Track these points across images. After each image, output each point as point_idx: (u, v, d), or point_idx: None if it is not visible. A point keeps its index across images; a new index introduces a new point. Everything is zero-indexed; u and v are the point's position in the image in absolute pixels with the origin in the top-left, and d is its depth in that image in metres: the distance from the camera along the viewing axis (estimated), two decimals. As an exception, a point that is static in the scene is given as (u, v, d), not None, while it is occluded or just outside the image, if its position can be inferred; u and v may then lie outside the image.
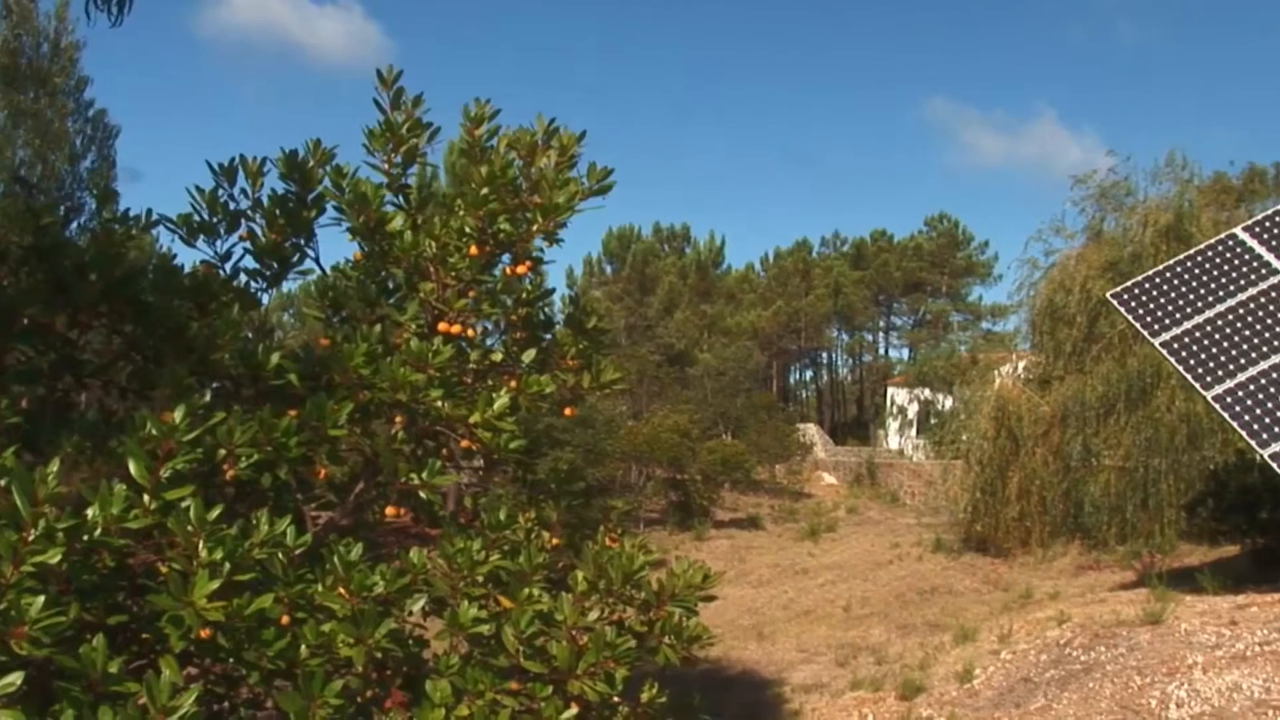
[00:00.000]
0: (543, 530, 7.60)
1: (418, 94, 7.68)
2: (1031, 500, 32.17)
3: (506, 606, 6.56)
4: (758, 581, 31.12)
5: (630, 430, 43.35)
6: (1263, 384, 18.07)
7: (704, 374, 61.85)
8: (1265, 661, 13.75)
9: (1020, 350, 42.03)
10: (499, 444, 6.95)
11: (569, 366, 7.79)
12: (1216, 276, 19.60)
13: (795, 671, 19.15)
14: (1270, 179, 64.30)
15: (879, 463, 58.57)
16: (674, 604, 7.03)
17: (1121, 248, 34.60)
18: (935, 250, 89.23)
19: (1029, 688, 15.09)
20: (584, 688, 6.36)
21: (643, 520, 40.85)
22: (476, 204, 7.46)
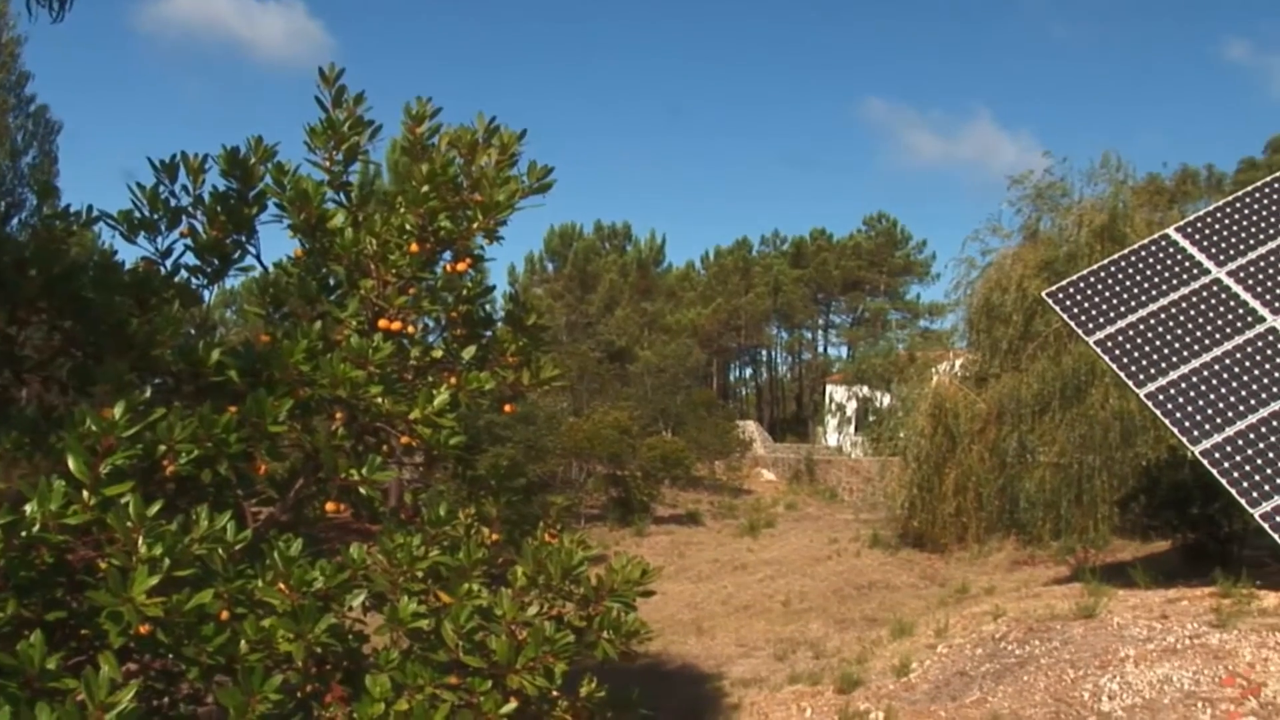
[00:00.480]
0: (482, 526, 7.64)
1: (359, 92, 7.71)
2: (968, 496, 32.40)
3: (446, 602, 6.59)
4: (697, 577, 31.16)
5: (571, 427, 43.33)
6: (1194, 382, 18.31)
7: (644, 371, 61.90)
8: (1195, 654, 13.93)
9: (957, 348, 42.30)
10: (439, 440, 6.98)
11: (509, 363, 7.83)
12: (1150, 276, 19.83)
13: (734, 666, 19.22)
14: (1203, 180, 65.07)
15: (818, 459, 58.74)
16: (613, 599, 7.08)
17: (1057, 247, 34.89)
18: (874, 249, 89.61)
19: (965, 681, 15.22)
20: (523, 682, 6.40)
21: (583, 516, 40.82)
22: (417, 201, 7.49)
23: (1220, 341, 18.66)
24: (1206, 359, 18.50)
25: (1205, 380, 18.21)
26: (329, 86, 7.61)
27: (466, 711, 6.33)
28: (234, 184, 7.57)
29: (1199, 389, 18.14)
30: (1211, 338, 18.71)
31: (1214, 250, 19.89)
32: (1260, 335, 18.60)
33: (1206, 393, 18.06)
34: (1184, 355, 18.61)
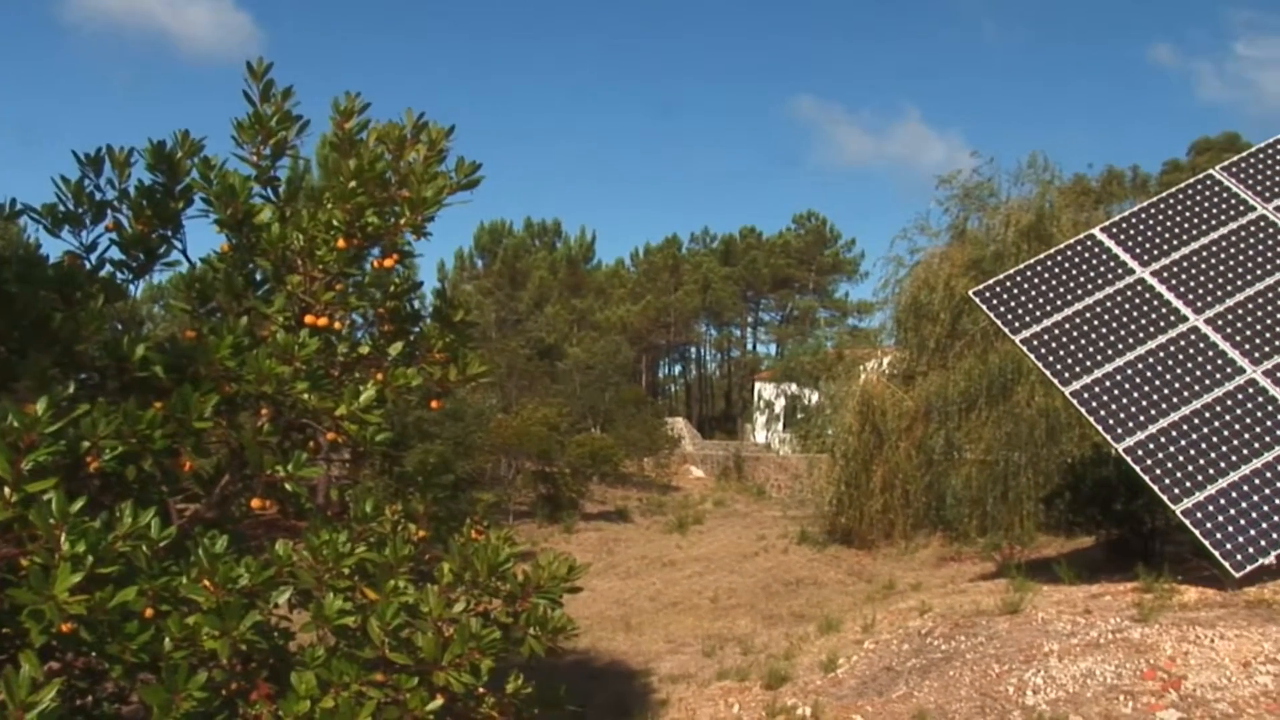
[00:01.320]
0: (409, 523, 7.62)
1: (287, 86, 7.67)
2: (895, 493, 32.54)
3: (372, 598, 6.58)
4: (626, 573, 31.16)
5: (500, 423, 43.20)
6: (1118, 380, 18.51)
7: (573, 368, 61.86)
8: (1117, 648, 14.09)
9: (885, 346, 42.40)
10: (365, 437, 6.97)
11: (436, 360, 7.81)
12: (1075, 275, 20.03)
13: (663, 662, 19.23)
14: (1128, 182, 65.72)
15: (746, 456, 58.85)
16: (539, 596, 7.09)
17: (984, 247, 35.11)
18: (803, 247, 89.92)
19: (891, 676, 15.32)
20: (449, 679, 6.40)
21: (512, 513, 40.73)
22: (345, 197, 7.46)
23: (1144, 340, 18.88)
24: (1130, 357, 18.71)
25: (1129, 378, 18.42)
26: (257, 81, 7.57)
27: (392, 708, 6.32)
28: (160, 178, 7.52)
29: (1123, 387, 18.35)
30: (1135, 336, 18.93)
31: (1138, 250, 20.12)
32: (1183, 334, 18.84)
33: (1130, 390, 18.28)
34: (1108, 354, 18.81)
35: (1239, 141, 63.66)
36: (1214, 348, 18.58)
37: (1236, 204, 20.47)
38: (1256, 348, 18.46)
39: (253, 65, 7.56)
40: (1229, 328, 18.77)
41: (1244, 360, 18.34)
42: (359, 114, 7.85)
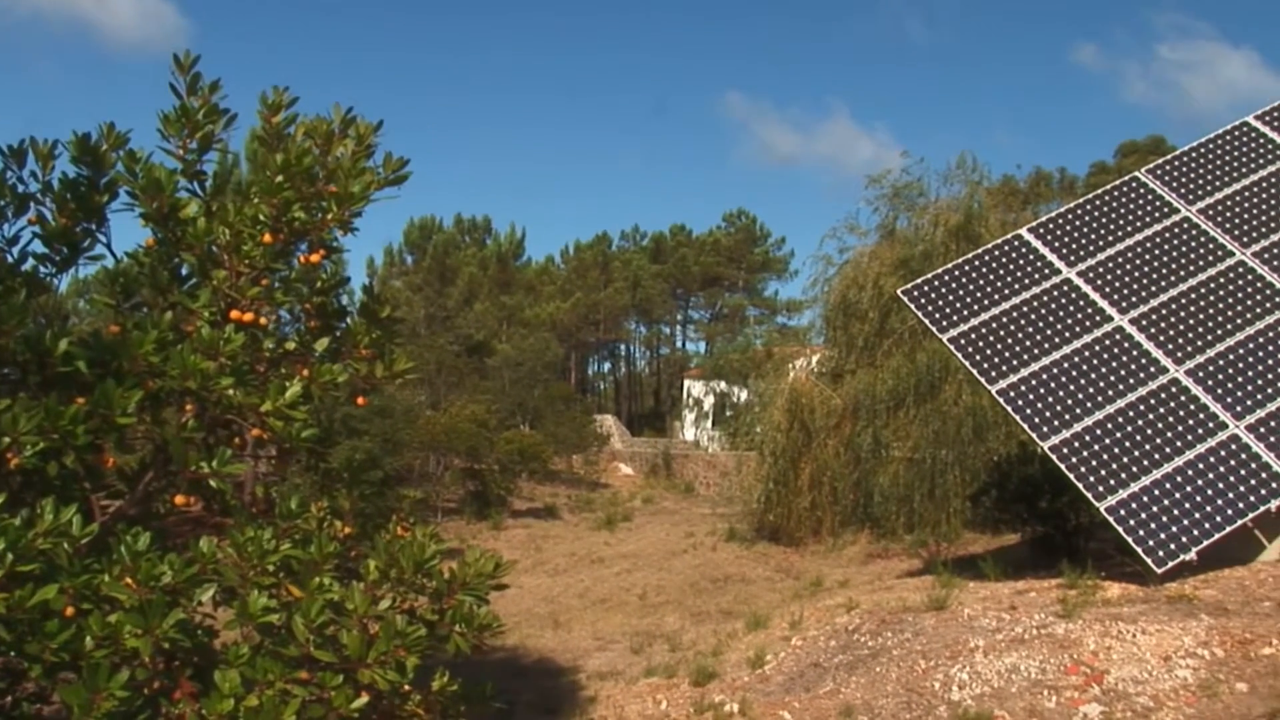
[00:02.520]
0: (335, 519, 7.57)
1: (215, 79, 7.60)
2: (823, 491, 32.67)
3: (297, 596, 6.54)
4: (554, 570, 31.14)
5: (428, 420, 43.06)
6: (1044, 379, 18.68)
7: (503, 365, 61.73)
8: (1042, 644, 14.22)
9: (814, 345, 42.61)
10: (291, 433, 6.92)
11: (362, 356, 7.77)
12: (1003, 275, 20.19)
13: (591, 659, 19.22)
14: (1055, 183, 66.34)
15: (675, 454, 58.95)
16: (465, 593, 7.06)
17: (913, 246, 35.32)
18: (733, 246, 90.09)
19: (818, 672, 15.39)
20: (375, 676, 6.37)
21: (440, 510, 40.60)
22: (271, 192, 7.41)
23: (1070, 340, 19.06)
24: (1056, 356, 18.89)
25: (1055, 377, 18.60)
26: (184, 73, 7.50)
27: (317, 706, 6.29)
28: (84, 171, 7.43)
29: (1049, 386, 18.52)
30: (1061, 336, 19.12)
31: (1065, 251, 20.31)
32: (1108, 334, 19.04)
33: (1056, 389, 18.45)
34: (1034, 353, 18.99)
35: (1164, 145, 64.37)
36: (1138, 347, 18.79)
37: (1161, 206, 20.71)
38: (1179, 347, 18.68)
39: (180, 57, 7.49)
40: (1153, 328, 18.99)
41: (1167, 360, 18.56)
42: (287, 108, 7.81)
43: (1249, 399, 18.02)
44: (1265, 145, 21.51)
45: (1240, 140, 21.69)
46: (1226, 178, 21.01)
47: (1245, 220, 20.31)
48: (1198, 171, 21.13)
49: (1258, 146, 21.52)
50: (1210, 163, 21.30)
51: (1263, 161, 21.23)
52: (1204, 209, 20.51)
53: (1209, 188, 20.87)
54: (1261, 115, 22.13)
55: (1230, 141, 21.70)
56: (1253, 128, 21.88)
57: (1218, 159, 21.37)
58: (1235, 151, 21.46)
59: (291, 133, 7.78)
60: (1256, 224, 20.24)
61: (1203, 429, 17.79)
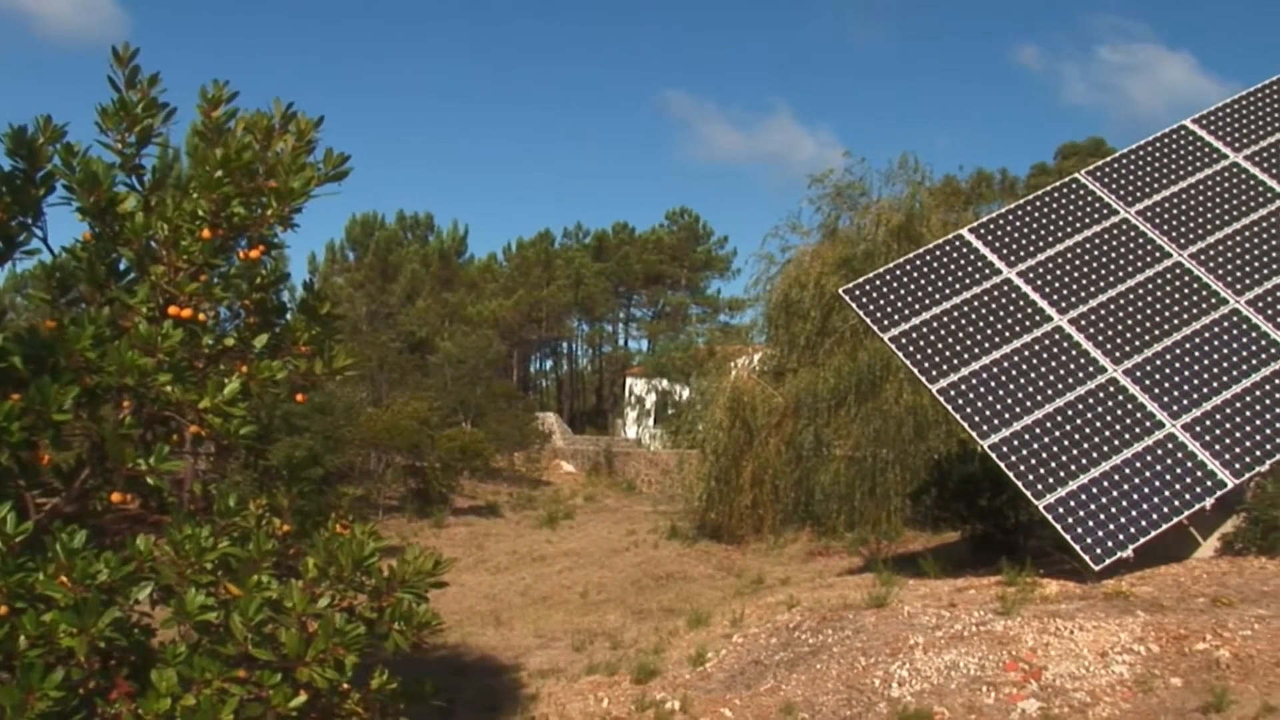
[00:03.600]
0: (274, 517, 7.53)
1: (154, 73, 7.54)
2: (764, 489, 32.76)
3: (235, 594, 6.49)
4: (496, 568, 31.07)
5: (370, 417, 42.86)
6: (984, 378, 18.81)
7: (444, 362, 61.51)
8: (981, 641, 14.32)
9: (756, 343, 42.67)
10: (229, 430, 6.87)
11: (302, 352, 7.73)
12: (944, 275, 20.32)
13: (532, 657, 19.20)
14: (996, 184, 66.76)
15: (617, 452, 58.94)
16: (404, 590, 7.04)
17: (855, 245, 35.51)
18: (676, 244, 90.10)
19: (759, 670, 15.43)
20: (313, 675, 6.33)
21: (381, 508, 40.43)
22: (211, 187, 7.35)
23: (1009, 339, 19.22)
24: (996, 356, 19.03)
25: (995, 376, 18.74)
26: (122, 67, 7.44)
27: (255, 705, 6.25)
28: (20, 164, 7.34)
29: (989, 385, 18.66)
30: (1001, 335, 19.26)
31: (1005, 251, 20.47)
32: (1047, 334, 19.20)
33: (996, 389, 18.59)
34: (975, 352, 19.12)
35: (1104, 147, 64.97)
36: (1077, 347, 18.96)
37: (1101, 208, 20.90)
38: (1118, 347, 18.86)
39: (118, 50, 7.43)
40: (1091, 328, 19.16)
41: (1105, 360, 18.73)
42: (227, 102, 7.76)
43: (1185, 398, 18.21)
44: (1202, 148, 21.76)
45: (1178, 143, 21.92)
46: (1165, 180, 21.23)
47: (1183, 222, 20.52)
48: (1136, 174, 21.34)
49: (1195, 150, 21.76)
50: (1149, 165, 21.52)
51: (1200, 164, 21.47)
52: (1142, 211, 20.72)
53: (1147, 190, 21.08)
54: (1199, 119, 22.37)
55: (1168, 144, 21.93)
56: (1190, 131, 22.12)
57: (1156, 162, 21.59)
58: (1173, 154, 21.70)
59: (231, 127, 7.72)
60: (1194, 226, 20.47)
61: (1140, 428, 17.97)
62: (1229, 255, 20.07)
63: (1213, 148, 21.79)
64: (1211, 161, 21.56)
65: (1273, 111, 22.39)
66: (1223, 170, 21.42)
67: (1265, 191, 21.00)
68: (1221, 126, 22.21)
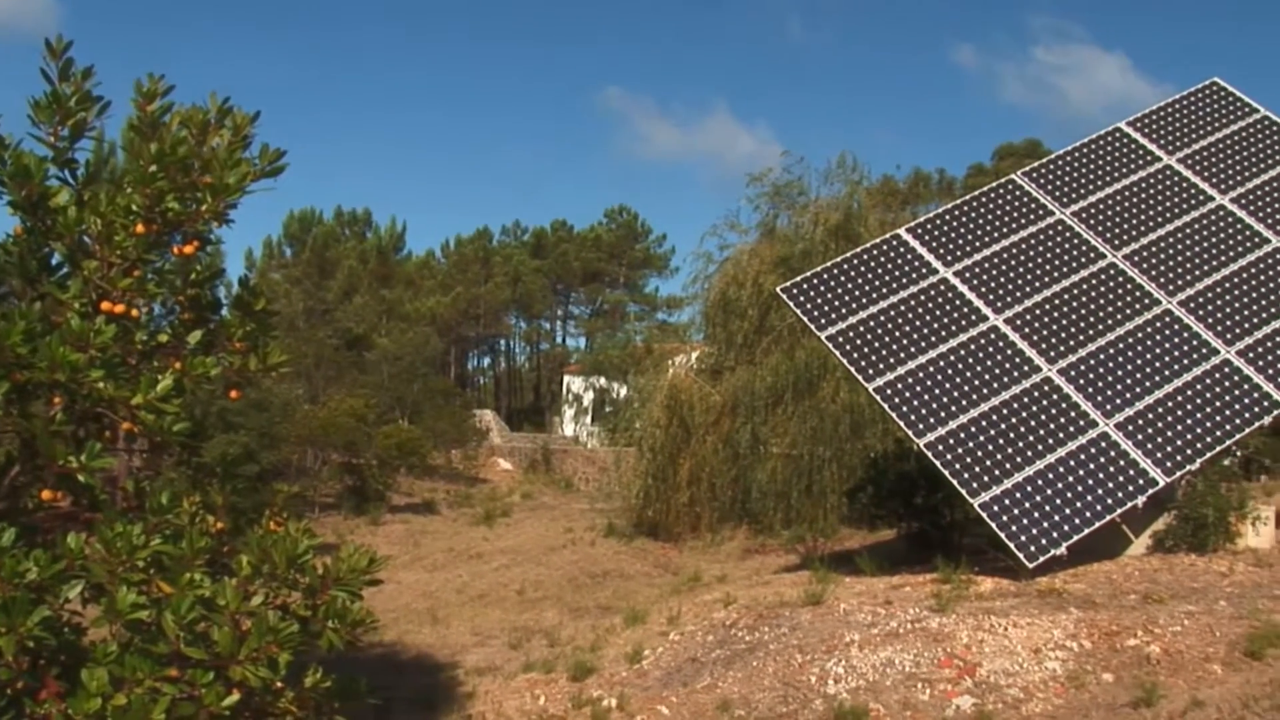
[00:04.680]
0: (208, 514, 7.47)
1: (88, 66, 7.46)
2: (701, 486, 32.84)
3: (167, 592, 6.44)
4: (432, 566, 31.00)
5: (306, 414, 42.63)
6: (920, 377, 18.93)
7: (382, 359, 61.25)
8: (916, 638, 14.42)
9: (694, 341, 42.74)
10: (162, 426, 6.81)
11: (236, 349, 7.67)
12: (881, 274, 20.43)
13: (469, 655, 19.17)
14: (934, 184, 67.10)
15: (554, 449, 58.93)
16: (339, 588, 6.99)
17: (793, 244, 35.65)
18: (614, 242, 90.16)
19: (696, 667, 15.47)
20: (246, 673, 6.29)
21: (318, 505, 40.26)
22: (145, 181, 7.28)
23: (945, 339, 19.35)
24: (932, 355, 19.16)
25: (931, 375, 18.86)
26: (55, 59, 7.35)
27: (187, 704, 6.20)
28: (-52, 157, 7.27)
29: (925, 384, 18.78)
30: (938, 335, 19.39)
31: (942, 251, 20.60)
32: (983, 333, 19.34)
33: (932, 388, 18.71)
34: (911, 351, 19.24)
35: (1040, 148, 65.38)
36: (1012, 346, 19.12)
37: (1036, 208, 21.07)
38: (1052, 346, 19.03)
39: (51, 43, 7.34)
40: (1027, 327, 19.33)
41: (1040, 359, 18.89)
42: (162, 96, 7.68)
43: (1118, 398, 18.40)
44: (1137, 151, 21.98)
45: (1113, 145, 22.14)
46: (1100, 182, 21.44)
47: (1117, 223, 20.73)
48: (1072, 175, 21.53)
49: (1130, 152, 21.97)
50: (1084, 167, 21.72)
51: (1134, 166, 21.68)
52: (1078, 212, 20.91)
53: (1083, 191, 21.28)
54: (1133, 122, 22.60)
55: (1104, 146, 22.15)
56: (1125, 133, 22.33)
57: (1091, 163, 21.79)
58: (1108, 156, 21.91)
59: (167, 122, 7.65)
60: (1128, 227, 20.68)
61: (1074, 427, 18.15)
62: (1162, 257, 20.29)
63: (1147, 150, 22.01)
64: (1145, 164, 21.79)
65: (1205, 115, 22.65)
66: (1156, 173, 21.65)
67: (1198, 194, 21.25)
68: (1155, 129, 22.45)
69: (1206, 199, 21.18)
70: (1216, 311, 19.49)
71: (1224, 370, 18.77)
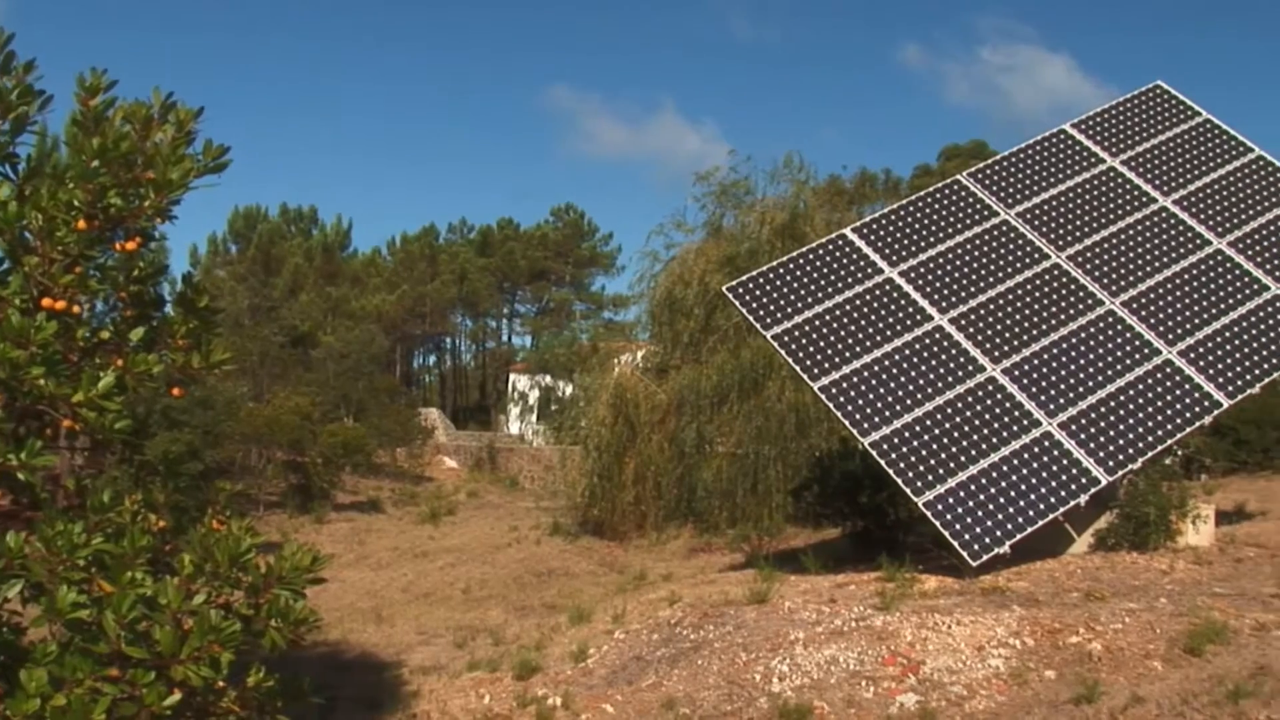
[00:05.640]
0: (150, 513, 7.42)
1: (30, 59, 7.39)
2: (647, 485, 32.89)
3: (108, 591, 6.39)
4: (377, 564, 30.93)
5: (251, 412, 42.38)
6: (865, 376, 18.99)
7: (327, 356, 61.01)
8: (860, 636, 14.47)
9: (640, 340, 42.84)
10: (104, 424, 6.76)
11: (179, 346, 7.62)
12: (826, 274, 20.49)
13: (414, 653, 19.13)
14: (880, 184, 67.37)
15: (500, 448, 58.85)
16: (282, 587, 6.96)
17: (740, 243, 35.76)
18: (560, 240, 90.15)
19: (641, 665, 15.46)
20: (187, 673, 6.25)
21: (262, 503, 40.04)
22: (87, 177, 7.22)
23: (891, 338, 19.43)
24: (878, 354, 19.22)
25: (876, 375, 18.93)
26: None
27: (128, 704, 6.15)
28: (-114, 150, 7.19)
29: (870, 383, 18.85)
30: (883, 334, 19.46)
31: (887, 251, 20.68)
32: (928, 333, 19.43)
33: (877, 387, 18.78)
34: (857, 351, 19.30)
35: (986, 149, 65.80)
36: (957, 346, 19.22)
37: (982, 209, 21.19)
38: (996, 346, 19.14)
39: (-9, 37, 7.28)
40: (971, 327, 19.43)
41: (985, 359, 18.99)
42: (105, 91, 7.61)
43: (1062, 397, 18.53)
44: (1081, 152, 22.15)
45: (1058, 147, 22.31)
46: (1044, 183, 21.59)
47: (1061, 224, 20.88)
48: (1017, 176, 21.68)
49: (1074, 153, 22.15)
50: (1029, 168, 21.87)
51: (1079, 168, 21.86)
52: (1022, 213, 21.04)
53: (1027, 192, 21.42)
54: (1078, 124, 22.77)
55: (1049, 148, 22.31)
56: (1069, 135, 22.50)
57: (1036, 165, 21.95)
58: (1053, 158, 22.07)
59: (110, 117, 7.59)
60: (1072, 228, 20.83)
61: (1017, 426, 18.26)
62: (1105, 258, 20.45)
63: (1091, 152, 22.18)
64: (1090, 166, 21.95)
65: (1149, 118, 22.86)
66: (1100, 174, 21.82)
67: (1141, 196, 21.44)
68: (1100, 131, 22.63)
69: (1150, 201, 21.36)
70: (1159, 312, 19.66)
71: (1166, 370, 18.94)
